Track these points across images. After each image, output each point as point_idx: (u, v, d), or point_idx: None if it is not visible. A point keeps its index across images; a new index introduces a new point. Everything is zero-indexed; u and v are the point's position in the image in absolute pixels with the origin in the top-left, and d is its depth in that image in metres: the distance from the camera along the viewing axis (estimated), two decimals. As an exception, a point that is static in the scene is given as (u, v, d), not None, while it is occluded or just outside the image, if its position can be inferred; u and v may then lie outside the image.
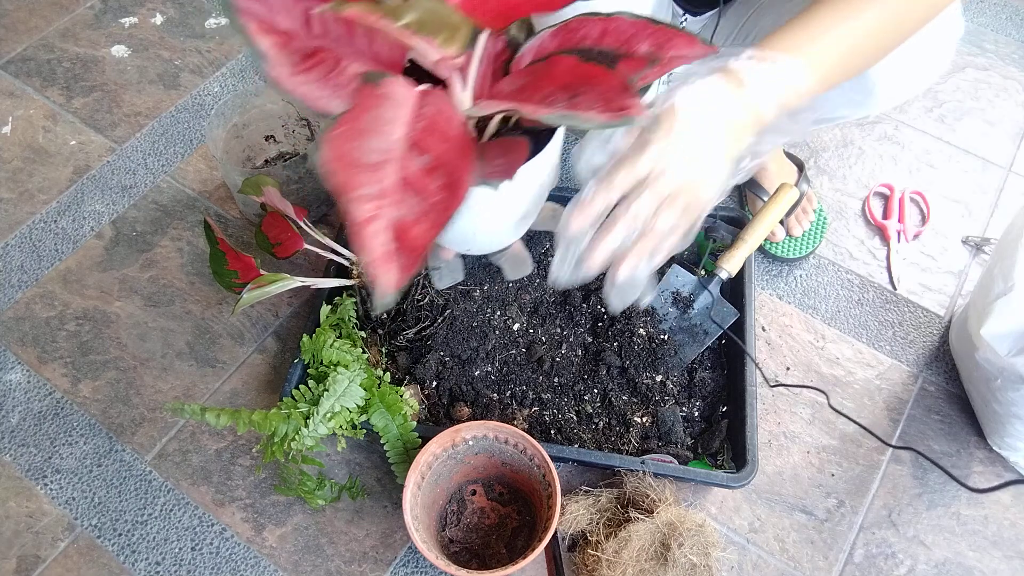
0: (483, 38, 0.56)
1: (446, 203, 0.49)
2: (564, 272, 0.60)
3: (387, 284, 0.47)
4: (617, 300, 0.60)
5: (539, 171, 0.62)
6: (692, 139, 0.57)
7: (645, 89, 0.54)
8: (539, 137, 0.61)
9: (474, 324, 1.01)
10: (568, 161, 1.25)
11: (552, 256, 1.09)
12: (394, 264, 0.48)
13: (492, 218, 0.65)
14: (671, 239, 0.58)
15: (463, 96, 0.57)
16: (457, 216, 0.63)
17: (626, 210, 0.57)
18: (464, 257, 1.03)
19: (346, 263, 1.04)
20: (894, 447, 0.99)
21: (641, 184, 0.57)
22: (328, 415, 0.87)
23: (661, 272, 1.06)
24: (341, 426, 0.88)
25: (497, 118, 0.60)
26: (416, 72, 0.59)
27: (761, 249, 1.16)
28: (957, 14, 0.85)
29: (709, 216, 1.05)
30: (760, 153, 0.61)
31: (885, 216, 1.20)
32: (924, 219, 1.20)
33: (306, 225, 1.02)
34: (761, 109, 0.59)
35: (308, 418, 0.87)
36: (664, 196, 0.57)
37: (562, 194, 0.89)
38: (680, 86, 0.59)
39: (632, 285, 0.59)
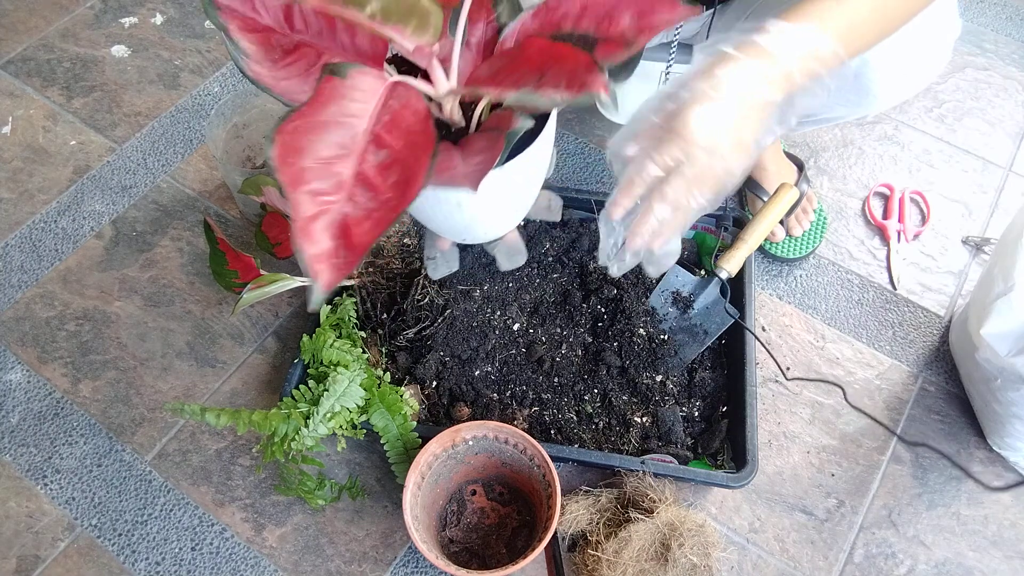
0: (462, 23, 0.55)
1: (396, 202, 0.48)
2: (609, 255, 0.67)
3: (324, 283, 0.46)
4: (654, 269, 0.67)
5: (529, 163, 0.62)
6: (717, 124, 0.59)
7: (627, 67, 0.54)
8: (531, 129, 0.60)
9: (474, 324, 1.01)
10: (561, 153, 1.25)
11: (549, 255, 1.09)
12: (333, 263, 0.47)
13: (485, 208, 0.65)
14: (700, 214, 0.63)
15: (447, 85, 0.56)
16: (439, 208, 0.62)
17: (661, 196, 0.60)
18: (463, 251, 1.03)
19: (346, 263, 1.04)
20: (908, 442, 0.99)
21: (671, 170, 0.60)
22: (328, 415, 0.87)
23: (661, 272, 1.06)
24: (341, 426, 0.88)
25: (481, 105, 0.59)
26: (404, 63, 0.59)
27: (761, 249, 1.16)
28: (954, 14, 0.85)
29: (716, 214, 1.06)
30: (787, 120, 0.63)
31: (885, 216, 1.20)
32: (924, 219, 1.20)
33: (306, 225, 1.02)
34: (790, 81, 0.60)
35: (308, 418, 0.87)
36: (692, 179, 0.60)
37: (559, 185, 0.89)
38: (706, 68, 0.60)
39: (667, 254, 0.65)
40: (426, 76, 0.56)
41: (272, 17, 0.53)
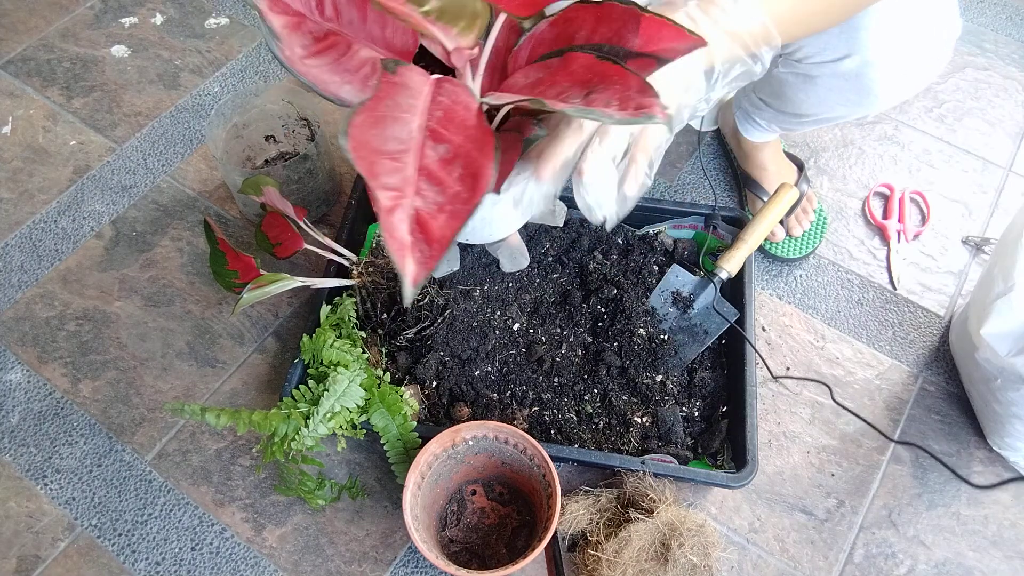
0: (496, 29, 0.55)
1: (467, 195, 0.49)
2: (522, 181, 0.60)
3: (410, 276, 0.46)
4: (590, 201, 0.60)
5: None
6: None
7: None
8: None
9: (474, 324, 1.01)
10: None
11: (549, 255, 1.09)
12: (416, 257, 0.47)
13: (497, 208, 0.65)
14: (631, 150, 0.59)
15: (472, 87, 0.57)
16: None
17: (571, 120, 0.57)
18: (463, 250, 1.03)
19: (346, 263, 1.04)
20: (896, 441, 0.99)
21: None
22: (328, 415, 0.87)
23: (661, 272, 1.06)
24: (341, 426, 0.88)
25: (505, 109, 0.60)
26: (424, 60, 0.59)
27: (761, 249, 1.16)
28: (955, 14, 0.85)
29: (708, 212, 1.07)
30: (715, 87, 0.62)
31: (885, 216, 1.20)
32: (924, 219, 1.20)
33: (306, 225, 1.02)
34: (709, 51, 0.60)
35: (308, 418, 0.87)
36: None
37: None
38: None
39: (598, 191, 0.59)
40: (452, 77, 0.56)
41: (302, 2, 0.53)
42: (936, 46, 0.86)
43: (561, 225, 0.86)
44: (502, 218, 0.68)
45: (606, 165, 0.59)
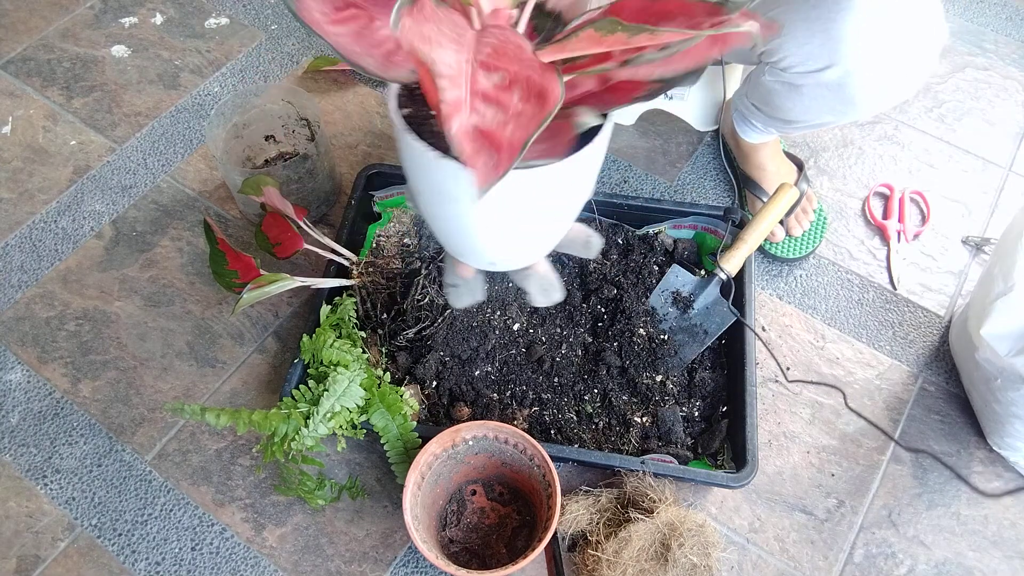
0: None
1: (532, 112, 0.46)
2: None
3: (481, 178, 0.45)
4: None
5: (579, 168, 0.58)
6: None
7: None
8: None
9: (474, 324, 1.01)
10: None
11: (549, 256, 1.08)
12: (484, 159, 0.45)
13: (496, 222, 0.60)
14: None
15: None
16: (480, 218, 0.58)
17: None
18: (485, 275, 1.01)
19: (346, 263, 1.04)
20: (907, 449, 0.99)
21: None
22: (328, 415, 0.87)
23: (661, 272, 1.06)
24: (341, 426, 0.88)
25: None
26: None
27: (761, 249, 1.16)
28: (939, 22, 0.85)
29: (716, 214, 1.06)
30: None
31: (885, 216, 1.20)
32: (924, 219, 1.20)
33: (306, 225, 1.02)
34: None
35: (308, 418, 0.87)
36: None
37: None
38: None
39: None
40: None
41: None
42: (918, 56, 0.86)
43: (594, 257, 0.79)
44: (511, 237, 0.63)
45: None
